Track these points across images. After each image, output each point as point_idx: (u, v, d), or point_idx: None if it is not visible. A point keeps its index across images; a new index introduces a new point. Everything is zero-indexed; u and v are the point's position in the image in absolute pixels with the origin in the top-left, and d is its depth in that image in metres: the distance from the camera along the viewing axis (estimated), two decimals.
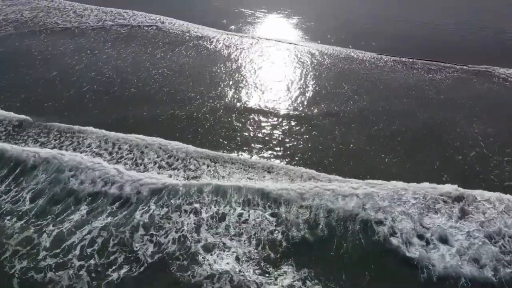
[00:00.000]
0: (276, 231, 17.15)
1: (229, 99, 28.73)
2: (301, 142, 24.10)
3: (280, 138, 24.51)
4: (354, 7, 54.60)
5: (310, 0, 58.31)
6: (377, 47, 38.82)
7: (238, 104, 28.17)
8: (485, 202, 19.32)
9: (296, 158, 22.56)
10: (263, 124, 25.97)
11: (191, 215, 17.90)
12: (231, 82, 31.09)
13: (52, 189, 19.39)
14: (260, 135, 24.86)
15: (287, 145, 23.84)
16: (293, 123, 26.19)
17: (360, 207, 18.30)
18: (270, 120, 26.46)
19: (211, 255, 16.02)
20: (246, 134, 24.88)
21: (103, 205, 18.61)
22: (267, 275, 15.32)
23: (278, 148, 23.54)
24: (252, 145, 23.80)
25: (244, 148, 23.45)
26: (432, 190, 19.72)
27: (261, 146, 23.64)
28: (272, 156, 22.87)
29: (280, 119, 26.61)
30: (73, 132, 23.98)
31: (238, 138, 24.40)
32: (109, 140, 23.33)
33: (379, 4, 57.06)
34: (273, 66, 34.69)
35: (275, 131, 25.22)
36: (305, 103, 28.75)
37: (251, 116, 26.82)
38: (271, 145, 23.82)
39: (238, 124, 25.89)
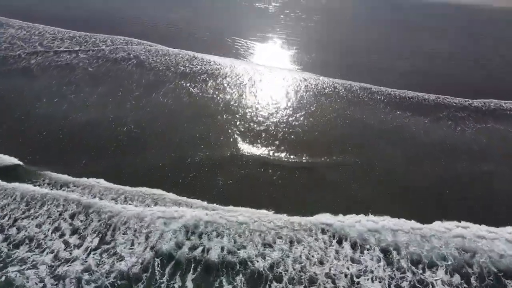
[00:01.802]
0: None
1: (218, 149, 26.09)
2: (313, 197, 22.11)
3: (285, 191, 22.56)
4: (357, 40, 54.00)
5: (307, 31, 57.76)
6: (386, 81, 37.20)
7: (233, 154, 25.74)
8: None
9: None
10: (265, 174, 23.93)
11: None
12: (222, 132, 28.46)
13: None
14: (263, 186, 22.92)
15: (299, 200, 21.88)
16: (295, 172, 24.13)
17: None
18: (271, 170, 24.39)
19: None
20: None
21: None
22: None
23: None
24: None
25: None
26: None
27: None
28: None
29: (280, 168, 24.44)
30: None
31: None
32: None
33: (381, 36, 56.79)
34: (265, 101, 32.51)
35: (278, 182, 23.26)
36: (308, 149, 26.39)
37: (250, 166, 24.72)
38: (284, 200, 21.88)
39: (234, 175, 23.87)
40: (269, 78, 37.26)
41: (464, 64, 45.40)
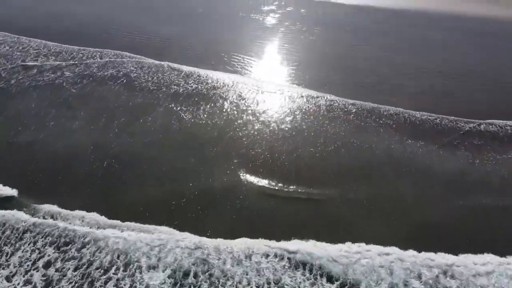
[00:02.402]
0: None
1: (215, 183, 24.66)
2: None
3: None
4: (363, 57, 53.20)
5: (309, 45, 56.96)
6: (393, 100, 36.06)
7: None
8: None
9: None
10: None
11: None
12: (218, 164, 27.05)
13: None
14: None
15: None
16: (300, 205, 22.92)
17: None
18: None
19: None
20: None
21: None
22: None
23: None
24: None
25: None
26: None
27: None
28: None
29: (279, 200, 23.32)
30: None
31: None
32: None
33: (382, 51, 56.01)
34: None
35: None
36: (310, 180, 25.11)
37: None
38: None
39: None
40: (268, 99, 36.06)
41: (475, 81, 44.49)
